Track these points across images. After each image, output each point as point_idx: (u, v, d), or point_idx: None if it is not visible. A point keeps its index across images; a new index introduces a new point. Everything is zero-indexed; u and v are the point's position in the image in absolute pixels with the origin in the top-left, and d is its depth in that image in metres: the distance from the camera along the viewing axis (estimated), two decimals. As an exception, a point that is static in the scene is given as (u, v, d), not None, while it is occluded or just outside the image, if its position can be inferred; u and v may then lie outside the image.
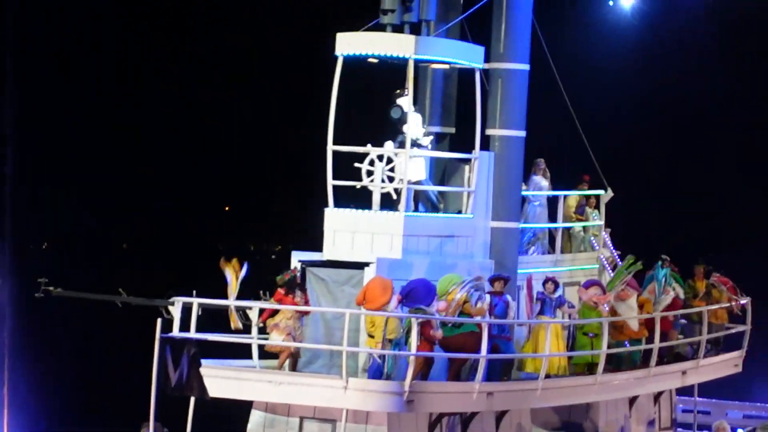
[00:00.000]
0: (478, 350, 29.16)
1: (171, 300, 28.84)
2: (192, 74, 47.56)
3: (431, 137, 32.59)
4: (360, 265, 29.86)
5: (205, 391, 27.98)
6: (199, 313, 29.06)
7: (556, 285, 32.45)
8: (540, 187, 34.99)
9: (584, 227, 36.41)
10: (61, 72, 49.96)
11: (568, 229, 36.23)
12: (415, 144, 31.64)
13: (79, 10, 49.34)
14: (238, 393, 29.02)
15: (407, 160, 30.56)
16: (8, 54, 47.53)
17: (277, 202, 33.82)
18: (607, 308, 33.43)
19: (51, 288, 29.66)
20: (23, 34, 48.10)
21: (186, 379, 27.09)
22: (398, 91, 31.29)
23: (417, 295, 28.92)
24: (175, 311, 28.71)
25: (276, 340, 29.06)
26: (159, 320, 27.49)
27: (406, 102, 31.14)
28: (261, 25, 44.50)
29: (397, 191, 30.80)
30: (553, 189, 35.51)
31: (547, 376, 31.74)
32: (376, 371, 28.77)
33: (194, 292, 29.32)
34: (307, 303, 29.42)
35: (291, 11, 40.27)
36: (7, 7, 47.62)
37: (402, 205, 30.66)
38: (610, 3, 49.83)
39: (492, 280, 31.25)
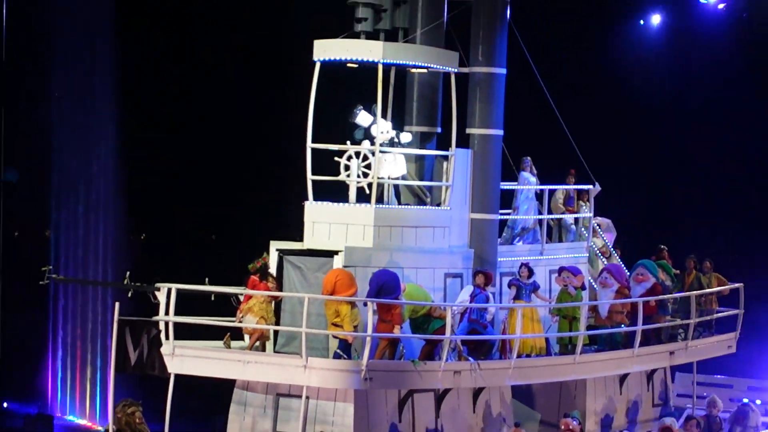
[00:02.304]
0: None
1: (156, 286, 28.63)
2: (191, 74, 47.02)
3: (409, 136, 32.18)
4: (331, 254, 29.71)
5: (164, 369, 28.05)
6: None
7: (531, 271, 32.22)
8: (528, 182, 34.55)
9: (576, 219, 35.53)
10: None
11: (559, 220, 35.35)
12: (393, 143, 31.53)
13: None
14: (207, 371, 29.03)
15: (377, 159, 30.29)
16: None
17: (261, 196, 33.65)
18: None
19: (54, 276, 29.76)
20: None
21: (147, 358, 26.90)
22: (358, 110, 31.35)
23: (388, 288, 28.85)
24: (161, 296, 28.61)
25: (251, 322, 28.97)
26: (117, 303, 27.49)
27: (363, 117, 31.32)
28: (247, 34, 44.19)
29: (374, 186, 30.64)
30: (542, 183, 34.87)
31: (527, 355, 31.69)
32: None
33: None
34: (277, 288, 29.46)
35: (278, 19, 39.80)
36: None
37: (373, 199, 30.51)
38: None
39: (474, 274, 31.12)
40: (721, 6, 48.62)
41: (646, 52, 50.99)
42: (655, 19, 50.61)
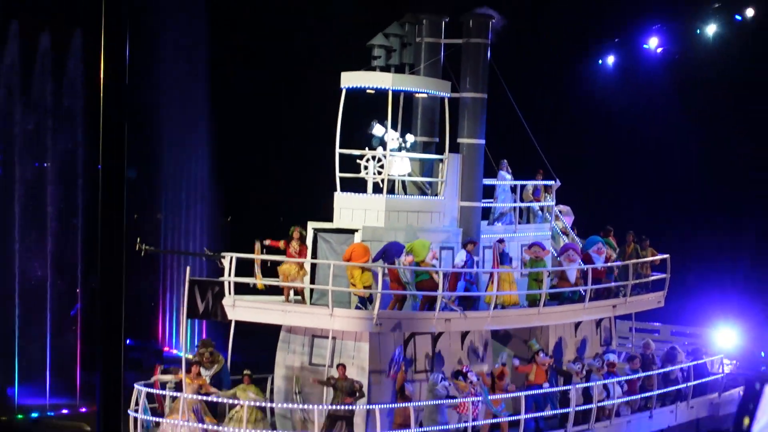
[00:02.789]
0: (436, 289, 28.91)
1: (222, 255, 28.35)
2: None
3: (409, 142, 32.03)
4: (352, 231, 29.55)
5: (225, 316, 27.98)
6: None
7: (503, 243, 31.72)
8: (504, 178, 34.13)
9: (541, 207, 35.07)
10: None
11: (529, 208, 34.84)
12: (401, 149, 31.49)
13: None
14: (258, 318, 29.01)
15: (388, 161, 30.22)
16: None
17: (301, 187, 33.41)
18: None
19: (147, 247, 29.39)
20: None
21: (211, 308, 26.59)
22: (374, 124, 31.27)
23: (389, 253, 28.72)
24: (225, 262, 28.39)
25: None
26: (188, 267, 27.31)
27: (378, 129, 31.17)
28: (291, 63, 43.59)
29: (385, 182, 30.40)
30: (515, 179, 34.52)
31: (503, 307, 31.30)
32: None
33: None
34: (304, 252, 29.34)
35: (314, 54, 39.33)
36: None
37: (384, 191, 30.31)
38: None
39: (465, 244, 30.89)
40: (659, 50, 47.76)
41: (603, 83, 50.30)
42: (610, 59, 49.88)
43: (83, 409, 37.81)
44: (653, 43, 47.42)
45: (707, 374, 36.95)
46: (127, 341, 48.28)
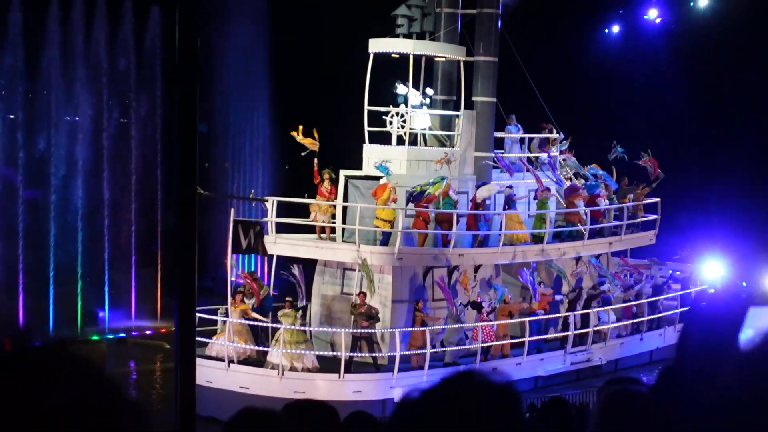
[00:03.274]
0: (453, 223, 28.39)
1: (265, 198, 27.82)
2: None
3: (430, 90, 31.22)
4: (378, 178, 28.25)
5: (265, 251, 26.99)
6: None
7: (512, 189, 30.58)
8: (512, 132, 32.84)
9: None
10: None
11: (537, 157, 33.68)
12: (422, 105, 30.53)
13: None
14: (294, 252, 28.54)
15: (410, 117, 29.17)
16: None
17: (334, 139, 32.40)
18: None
19: (204, 192, 28.64)
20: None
21: (253, 244, 25.85)
22: (398, 84, 30.50)
23: (416, 197, 28.05)
24: (268, 205, 27.74)
25: (318, 220, 27.94)
26: (232, 209, 26.59)
27: (403, 88, 30.18)
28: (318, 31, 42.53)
29: (407, 134, 29.34)
30: (524, 133, 33.16)
31: (512, 244, 30.25)
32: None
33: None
34: (333, 191, 28.65)
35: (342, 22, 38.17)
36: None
37: (406, 142, 29.50)
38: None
39: (478, 187, 29.86)
40: (657, 20, 46.58)
41: (608, 51, 48.91)
42: (615, 29, 48.68)
43: (163, 330, 37.24)
44: (653, 14, 46.27)
45: (693, 303, 35.68)
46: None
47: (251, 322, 26.61)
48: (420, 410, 2.29)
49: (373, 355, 26.73)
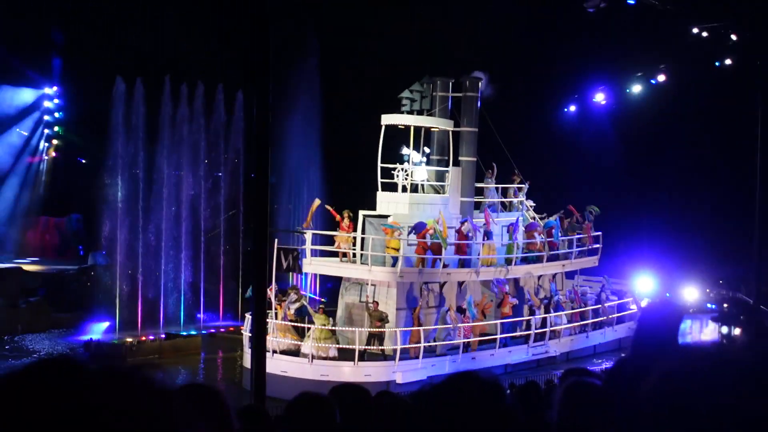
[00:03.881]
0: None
1: (302, 230, 26.81)
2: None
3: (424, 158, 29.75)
4: (386, 216, 27.53)
5: (301, 269, 26.16)
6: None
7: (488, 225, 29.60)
8: (489, 182, 31.64)
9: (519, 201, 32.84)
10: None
11: (510, 201, 32.57)
12: (420, 163, 29.17)
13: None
14: (322, 270, 28.06)
15: (411, 171, 27.92)
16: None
17: (352, 188, 31.32)
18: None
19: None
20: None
21: (291, 265, 24.90)
22: (403, 147, 29.15)
23: (418, 228, 27.11)
24: (306, 236, 26.73)
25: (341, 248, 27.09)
26: (276, 239, 25.53)
27: (407, 150, 29.08)
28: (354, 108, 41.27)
29: (408, 185, 28.27)
30: (498, 183, 32.09)
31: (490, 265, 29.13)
32: None
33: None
34: (351, 227, 27.54)
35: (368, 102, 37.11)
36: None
37: (408, 190, 28.47)
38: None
39: (462, 222, 28.87)
40: (603, 102, 45.33)
41: (567, 124, 47.71)
42: (572, 108, 47.41)
43: (242, 328, 36.44)
44: (599, 97, 45.00)
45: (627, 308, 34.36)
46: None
47: (292, 323, 25.59)
48: (434, 395, 2.29)
49: (381, 348, 25.62)
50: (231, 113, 40.06)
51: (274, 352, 25.05)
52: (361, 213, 28.21)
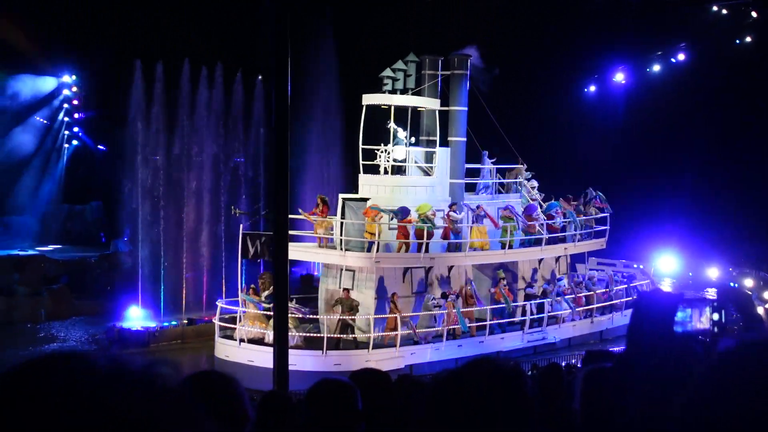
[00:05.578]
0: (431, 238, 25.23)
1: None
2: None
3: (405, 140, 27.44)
4: (366, 200, 25.39)
5: (269, 256, 23.81)
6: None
7: (480, 209, 27.15)
8: (486, 163, 29.21)
9: (515, 181, 30.16)
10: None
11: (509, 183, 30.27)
12: (400, 141, 27.46)
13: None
14: (298, 257, 25.68)
15: (391, 152, 25.85)
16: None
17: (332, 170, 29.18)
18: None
19: (238, 211, 25.65)
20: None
21: (259, 252, 22.77)
22: (387, 122, 26.72)
23: (404, 212, 24.86)
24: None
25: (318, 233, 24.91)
26: (241, 225, 23.48)
27: (392, 125, 26.73)
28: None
29: (394, 167, 26.26)
30: (497, 164, 29.61)
31: (481, 249, 26.83)
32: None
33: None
34: (325, 211, 25.50)
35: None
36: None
37: (389, 173, 26.31)
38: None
39: (450, 205, 26.42)
40: (623, 82, 42.57)
41: (587, 105, 44.73)
42: (592, 88, 44.57)
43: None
44: (619, 77, 42.32)
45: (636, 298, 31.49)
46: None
47: (264, 311, 23.52)
48: (451, 382, 2.19)
49: (354, 336, 23.42)
50: (251, 98, 38.09)
51: (242, 341, 23.06)
52: (341, 196, 26.00)
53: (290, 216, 25.07)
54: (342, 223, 25.08)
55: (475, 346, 25.42)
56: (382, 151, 26.23)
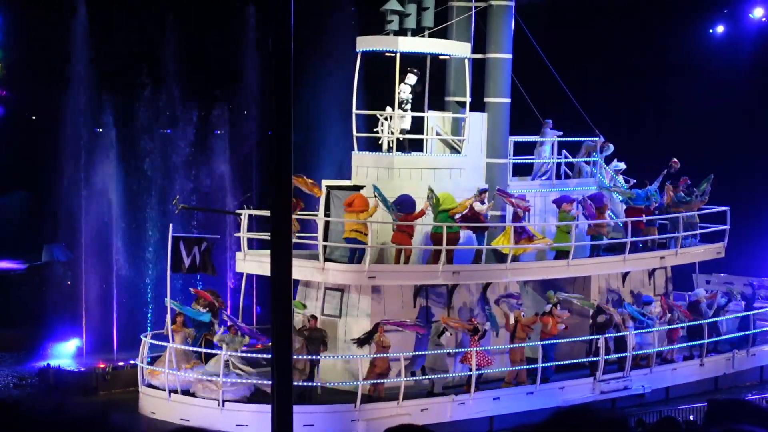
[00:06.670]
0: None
1: (238, 212, 23.86)
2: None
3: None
4: (358, 188, 23.64)
5: (214, 270, 22.85)
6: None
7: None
8: (549, 135, 27.09)
9: (587, 162, 28.34)
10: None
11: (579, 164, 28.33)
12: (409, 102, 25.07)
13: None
14: (264, 271, 22.73)
15: (396, 118, 24.00)
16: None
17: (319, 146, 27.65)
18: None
19: (180, 205, 23.97)
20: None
21: (199, 263, 21.55)
22: (408, 75, 24.65)
23: (406, 204, 23.06)
24: (243, 219, 23.14)
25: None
26: (171, 225, 22.16)
27: (411, 78, 24.65)
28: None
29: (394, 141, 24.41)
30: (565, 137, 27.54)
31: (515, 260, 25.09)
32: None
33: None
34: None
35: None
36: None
37: (393, 150, 24.28)
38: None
39: (480, 192, 24.15)
40: (763, 19, 39.78)
41: (712, 52, 41.84)
42: (720, 29, 41.79)
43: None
44: (759, 12, 39.63)
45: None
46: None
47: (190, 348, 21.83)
48: None
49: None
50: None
51: (173, 392, 21.20)
52: (325, 183, 24.31)
53: (255, 212, 23.34)
54: (327, 223, 23.35)
55: (520, 399, 23.54)
56: (384, 119, 24.05)
